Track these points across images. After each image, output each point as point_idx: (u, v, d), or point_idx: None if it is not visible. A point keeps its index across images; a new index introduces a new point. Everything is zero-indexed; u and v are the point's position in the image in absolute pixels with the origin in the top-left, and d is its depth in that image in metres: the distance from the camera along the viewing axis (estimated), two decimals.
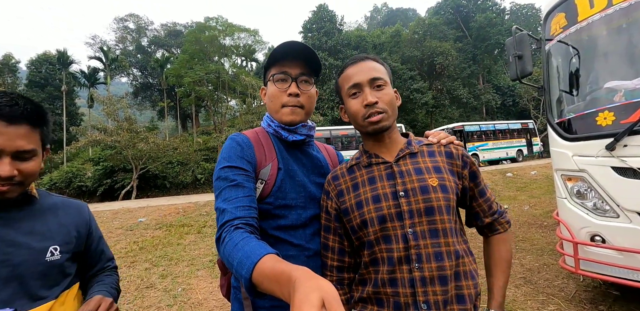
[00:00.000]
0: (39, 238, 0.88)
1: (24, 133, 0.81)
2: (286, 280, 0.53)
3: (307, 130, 1.08)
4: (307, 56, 1.03)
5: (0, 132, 0.77)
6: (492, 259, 1.03)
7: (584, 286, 3.08)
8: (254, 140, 1.03)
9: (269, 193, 0.96)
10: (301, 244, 0.99)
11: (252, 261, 0.63)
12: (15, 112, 0.79)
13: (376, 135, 1.00)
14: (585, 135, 2.36)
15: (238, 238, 0.73)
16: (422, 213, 0.90)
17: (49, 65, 32.20)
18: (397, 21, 47.81)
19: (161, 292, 3.69)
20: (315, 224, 1.04)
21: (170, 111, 36.75)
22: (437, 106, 29.75)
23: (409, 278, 0.88)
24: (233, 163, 0.93)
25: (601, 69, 2.51)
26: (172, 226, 6.77)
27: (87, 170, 20.57)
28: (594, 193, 2.31)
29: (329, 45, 29.45)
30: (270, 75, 1.04)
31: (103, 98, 17.93)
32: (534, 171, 11.24)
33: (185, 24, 42.79)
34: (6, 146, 0.78)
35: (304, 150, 1.10)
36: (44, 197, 0.97)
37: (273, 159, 1.01)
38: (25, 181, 0.84)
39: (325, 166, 1.13)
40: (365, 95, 0.94)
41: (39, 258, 0.86)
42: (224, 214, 0.83)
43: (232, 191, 0.88)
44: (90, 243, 1.03)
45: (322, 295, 0.45)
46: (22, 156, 0.81)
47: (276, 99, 1.03)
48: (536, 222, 5.64)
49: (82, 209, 1.04)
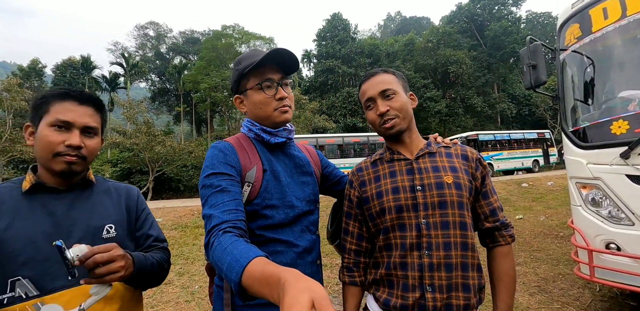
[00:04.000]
0: (97, 217, 0.99)
1: (90, 113, 0.99)
2: (275, 282, 0.53)
3: (287, 133, 1.13)
4: (281, 59, 1.06)
5: (73, 109, 0.95)
6: (496, 274, 1.06)
7: (600, 296, 3.04)
8: (237, 145, 1.05)
9: (257, 195, 0.99)
10: (289, 240, 1.02)
11: (241, 265, 0.62)
12: (83, 95, 0.99)
13: (395, 138, 1.12)
14: (600, 143, 2.38)
15: (227, 242, 0.73)
16: (435, 206, 0.99)
17: (73, 70, 33.65)
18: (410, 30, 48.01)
19: (179, 289, 3.81)
20: (303, 221, 1.07)
21: (185, 116, 37.55)
22: (451, 115, 29.53)
23: (418, 263, 0.97)
24: (216, 169, 0.95)
25: (615, 79, 2.54)
26: (187, 227, 6.93)
27: (106, 171, 21.14)
28: (608, 201, 2.32)
29: (342, 53, 29.81)
30: (254, 83, 1.05)
31: (123, 102, 18.57)
32: (550, 182, 11.02)
33: (202, 31, 44.03)
34: (77, 120, 0.95)
35: (285, 152, 1.14)
36: (100, 182, 1.09)
37: (257, 162, 1.04)
38: (88, 157, 0.98)
39: (308, 164, 1.17)
40: (378, 106, 1.08)
41: (96, 234, 0.97)
42: (211, 219, 0.84)
43: (217, 196, 0.89)
44: (137, 222, 1.11)
45: (312, 295, 0.45)
46: (89, 131, 0.98)
47: (266, 106, 1.05)
48: (552, 232, 5.56)
49: (132, 192, 1.15)
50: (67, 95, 0.95)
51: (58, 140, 0.91)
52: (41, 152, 0.92)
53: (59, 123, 0.92)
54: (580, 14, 2.54)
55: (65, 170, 0.93)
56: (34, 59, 33.90)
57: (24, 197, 0.92)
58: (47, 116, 0.93)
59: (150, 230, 1.14)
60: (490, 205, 1.08)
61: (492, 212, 1.08)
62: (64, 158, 0.92)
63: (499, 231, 1.07)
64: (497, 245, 1.07)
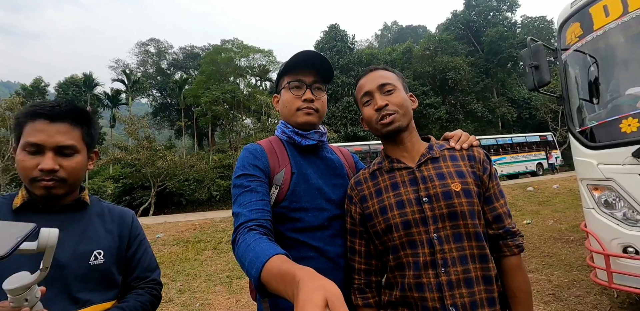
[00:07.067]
0: (86, 242, 0.92)
1: (64, 130, 0.90)
2: (291, 279, 0.54)
3: (319, 136, 1.12)
4: (319, 65, 1.09)
5: (43, 129, 0.87)
6: (509, 291, 0.95)
7: (618, 303, 2.91)
8: (267, 148, 1.08)
9: (284, 197, 1.00)
10: (319, 246, 1.00)
11: (261, 262, 0.65)
12: (54, 111, 0.89)
13: (394, 138, 1.02)
14: (610, 142, 2.31)
15: (250, 239, 0.76)
16: (445, 218, 0.90)
17: (75, 87, 34.00)
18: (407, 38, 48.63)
19: (180, 307, 3.68)
20: (335, 225, 1.05)
21: (187, 130, 37.74)
22: (451, 120, 29.52)
23: (436, 283, 0.88)
24: (246, 171, 0.99)
25: (621, 76, 2.49)
26: (189, 242, 6.81)
27: (108, 187, 21.10)
28: (623, 202, 2.23)
29: (341, 63, 30.09)
30: (286, 82, 1.09)
31: (125, 117, 18.71)
32: (556, 185, 10.88)
33: (202, 46, 44.65)
34: (47, 141, 0.87)
35: (317, 154, 1.14)
36: (95, 203, 1.03)
37: (286, 165, 1.05)
38: (68, 178, 0.90)
39: (340, 167, 1.16)
40: (376, 100, 0.99)
41: (82, 261, 0.90)
42: (238, 217, 0.87)
43: (246, 196, 0.92)
44: (128, 250, 1.04)
45: (325, 295, 0.45)
46: (64, 152, 0.90)
47: (291, 105, 1.08)
48: (562, 236, 5.41)
49: (126, 216, 1.08)
50: (36, 114, 0.88)
51: (31, 165, 0.86)
52: (21, 177, 0.88)
53: (29, 147, 0.86)
54: (581, 12, 2.51)
55: (45, 195, 0.87)
56: (37, 78, 34.34)
57: (13, 214, 0.87)
58: (22, 138, 0.87)
59: (142, 259, 1.07)
60: (495, 210, 0.98)
61: (496, 218, 0.97)
62: (40, 184, 0.86)
63: (504, 240, 0.96)
64: (502, 255, 0.97)
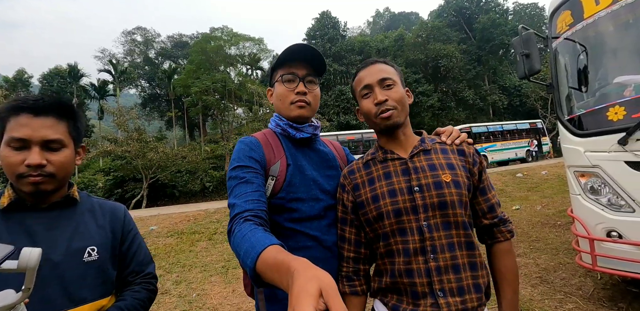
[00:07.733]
0: (78, 239, 0.92)
1: (50, 124, 0.88)
2: (285, 270, 0.54)
3: (312, 129, 1.15)
4: (312, 58, 1.10)
5: (27, 124, 0.85)
6: (498, 273, 1.02)
7: (602, 284, 3.02)
8: (262, 140, 1.09)
9: (280, 188, 1.02)
10: (317, 235, 1.03)
11: (256, 252, 0.65)
12: (38, 104, 0.87)
13: (390, 132, 1.05)
14: (597, 130, 2.35)
15: (246, 230, 0.76)
16: (435, 207, 0.94)
17: (60, 79, 33.02)
18: (399, 25, 48.11)
19: (176, 298, 3.72)
20: (330, 215, 1.08)
21: (178, 121, 37.24)
22: (443, 108, 29.64)
23: (425, 269, 0.92)
24: (242, 162, 1.00)
25: (610, 64, 2.51)
26: (184, 233, 6.83)
27: (98, 180, 20.89)
28: (608, 188, 2.29)
29: (333, 51, 29.73)
30: (279, 76, 1.10)
31: (113, 109, 18.30)
32: (544, 171, 11.09)
33: (191, 35, 43.64)
34: (32, 136, 0.85)
35: (311, 147, 1.16)
36: (84, 199, 1.01)
37: (282, 156, 1.07)
38: (57, 173, 0.88)
39: (333, 159, 1.19)
40: (376, 95, 1.00)
41: (76, 258, 0.89)
42: (234, 208, 0.89)
43: (241, 187, 0.94)
44: (122, 244, 1.04)
45: (320, 284, 0.46)
46: (50, 146, 0.88)
47: (285, 98, 1.09)
48: (549, 221, 5.56)
49: (118, 211, 1.07)
50: (19, 108, 0.85)
51: (17, 161, 0.84)
52: (6, 174, 0.85)
53: (14, 142, 0.84)
54: (572, 0, 2.50)
55: (34, 192, 0.86)
56: (20, 70, 33.23)
57: (1, 215, 0.85)
58: (5, 134, 0.85)
59: (136, 253, 1.07)
60: (488, 201, 1.04)
61: (490, 208, 1.03)
62: (27, 180, 0.84)
63: (498, 227, 1.03)
64: (496, 241, 1.03)
